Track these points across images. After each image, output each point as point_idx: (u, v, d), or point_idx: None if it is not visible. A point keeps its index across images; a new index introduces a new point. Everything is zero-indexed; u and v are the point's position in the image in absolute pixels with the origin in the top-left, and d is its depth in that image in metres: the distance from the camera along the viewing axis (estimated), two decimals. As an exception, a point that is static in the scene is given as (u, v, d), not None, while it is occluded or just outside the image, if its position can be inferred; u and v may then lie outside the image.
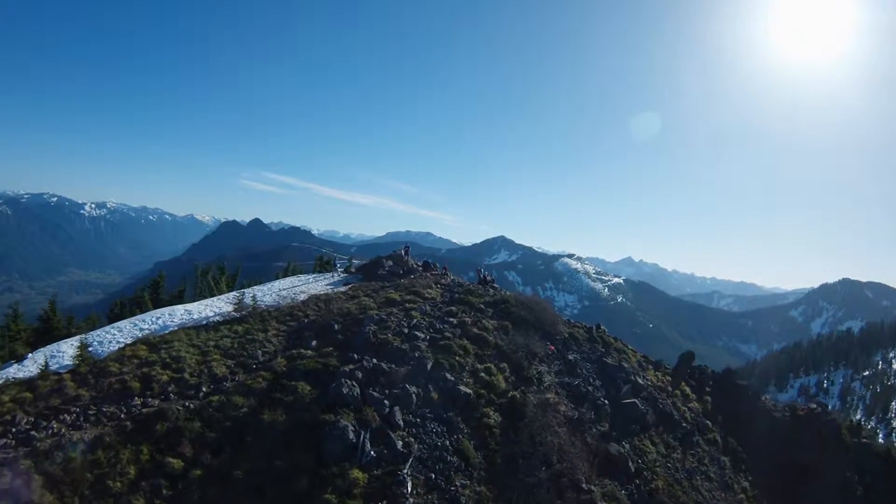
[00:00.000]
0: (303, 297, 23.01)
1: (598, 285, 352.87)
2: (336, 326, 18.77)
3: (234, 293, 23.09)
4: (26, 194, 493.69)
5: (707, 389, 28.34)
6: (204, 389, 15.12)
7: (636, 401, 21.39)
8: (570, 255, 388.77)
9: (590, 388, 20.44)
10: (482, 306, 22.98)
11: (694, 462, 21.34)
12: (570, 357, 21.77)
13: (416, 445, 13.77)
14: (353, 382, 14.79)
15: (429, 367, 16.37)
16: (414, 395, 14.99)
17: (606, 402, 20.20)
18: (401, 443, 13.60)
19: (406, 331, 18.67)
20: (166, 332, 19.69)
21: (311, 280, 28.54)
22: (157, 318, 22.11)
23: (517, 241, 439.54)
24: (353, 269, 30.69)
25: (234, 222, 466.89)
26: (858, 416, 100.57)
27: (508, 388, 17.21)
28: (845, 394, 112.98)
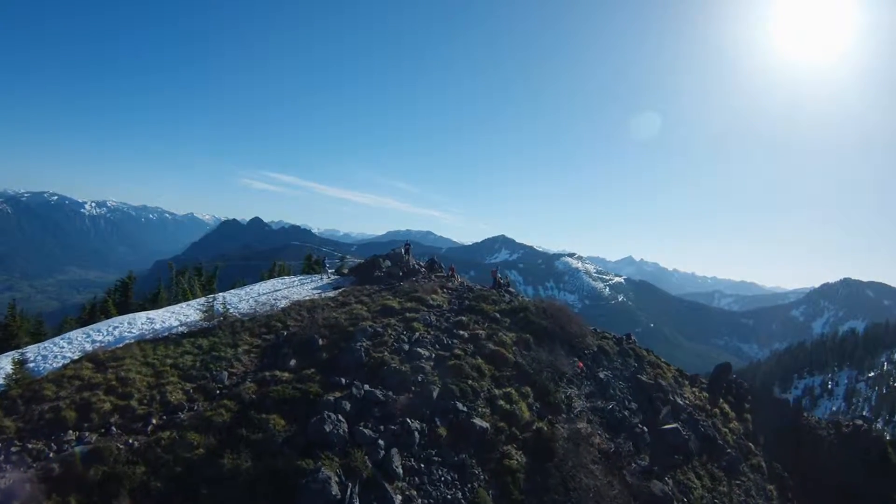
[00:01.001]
0: (284, 303, 20.00)
1: (599, 284, 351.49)
2: (320, 342, 15.60)
3: (203, 299, 19.81)
4: (27, 193, 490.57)
5: (746, 406, 25.54)
6: (153, 422, 12.49)
7: (677, 426, 18.41)
8: (571, 255, 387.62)
9: (625, 412, 17.36)
10: (498, 315, 19.96)
11: (741, 494, 19.17)
12: (602, 375, 18.69)
13: (419, 501, 10.51)
14: (340, 417, 11.56)
15: (435, 394, 13.12)
16: (416, 433, 11.75)
17: (645, 428, 17.18)
18: (400, 497, 10.37)
19: (406, 347, 15.45)
20: (120, 345, 16.81)
21: (296, 283, 25.37)
22: (114, 329, 19.07)
23: (518, 241, 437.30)
24: (345, 271, 27.29)
25: (234, 221, 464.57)
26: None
27: (533, 418, 14.02)
28: (850, 395, 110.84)
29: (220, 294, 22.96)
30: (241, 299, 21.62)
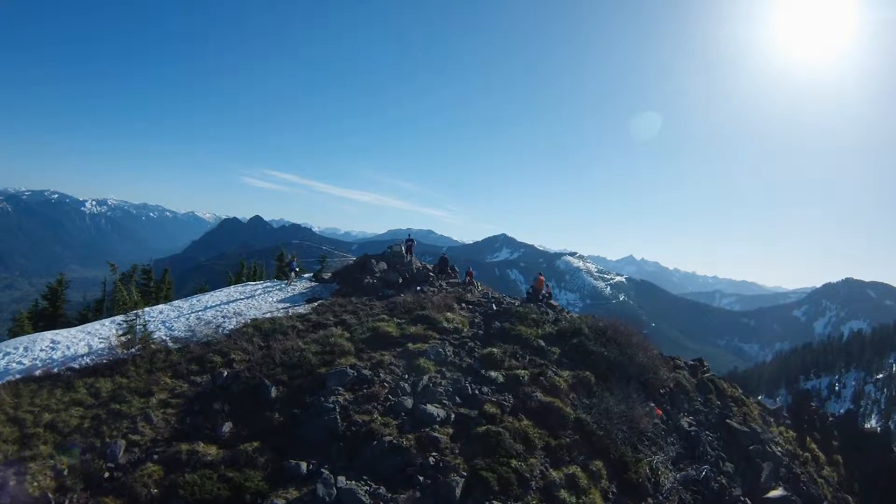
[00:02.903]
0: (234, 323, 14.97)
1: (600, 284, 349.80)
2: (274, 392, 10.42)
3: (121, 317, 14.47)
4: (27, 191, 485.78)
5: (834, 444, 21.47)
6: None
7: (784, 492, 13.23)
8: (572, 254, 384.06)
9: (721, 477, 12.26)
10: (543, 344, 14.42)
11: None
12: (685, 423, 13.66)
13: None
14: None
15: (458, 490, 7.78)
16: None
17: (748, 501, 11.96)
18: None
19: (409, 403, 10.18)
20: (-1, 382, 11.54)
21: (258, 292, 19.85)
22: (2, 357, 13.80)
23: (519, 239, 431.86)
24: (326, 276, 21.54)
25: (234, 219, 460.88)
26: (873, 421, 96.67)
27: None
28: (858, 397, 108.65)
29: (156, 307, 17.60)
30: (181, 315, 16.37)
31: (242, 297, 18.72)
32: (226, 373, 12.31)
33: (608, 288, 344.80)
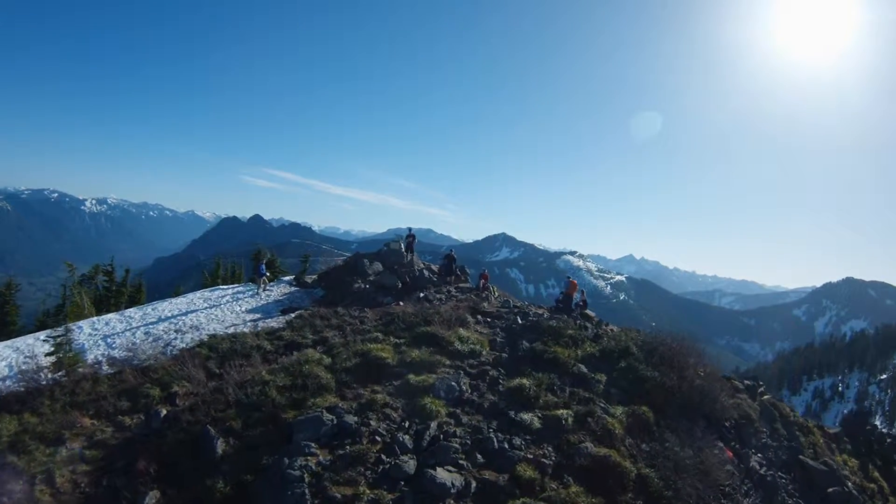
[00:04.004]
0: (188, 339, 12.38)
1: (601, 283, 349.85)
2: (220, 445, 7.66)
3: (46, 333, 11.88)
4: (27, 190, 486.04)
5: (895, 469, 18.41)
6: None
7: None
8: (572, 253, 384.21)
9: None
10: (584, 369, 11.62)
11: None
12: (756, 464, 11.22)
13: None
14: None
15: None
16: None
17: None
18: None
19: (410, 466, 7.46)
20: None
21: (226, 298, 17.03)
22: None
23: (519, 238, 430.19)
24: (308, 280, 18.64)
25: (234, 218, 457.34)
26: (878, 422, 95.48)
27: None
28: (862, 398, 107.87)
29: (105, 317, 15.01)
30: (129, 328, 13.87)
31: (206, 305, 16.07)
32: (164, 412, 9.68)
33: (608, 287, 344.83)
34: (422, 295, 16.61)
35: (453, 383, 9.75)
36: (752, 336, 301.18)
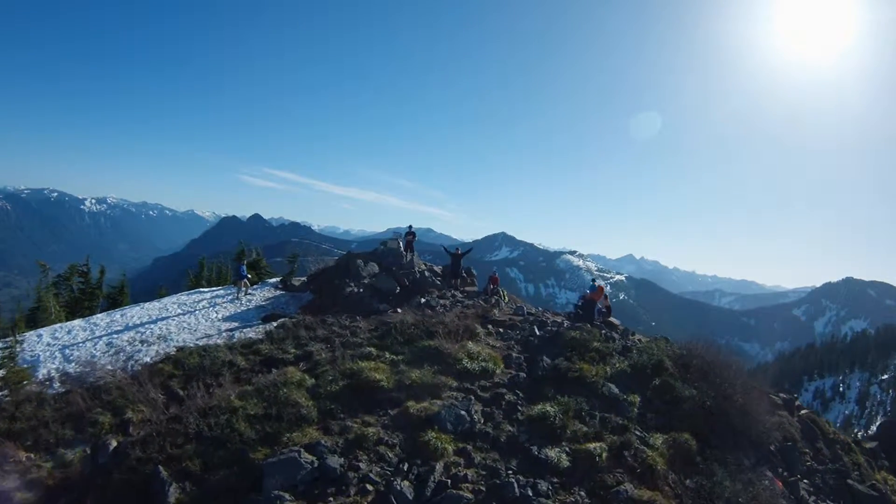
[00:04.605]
0: (154, 352, 10.94)
1: (601, 283, 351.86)
2: (173, 493, 6.38)
3: (4, 341, 10.43)
4: (26, 189, 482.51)
5: None
6: None
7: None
8: (572, 252, 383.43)
9: None
10: (615, 390, 10.02)
11: None
12: (806, 494, 10.44)
13: None
14: None
15: None
16: None
17: None
18: None
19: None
20: None
21: (203, 304, 15.29)
22: None
23: (518, 238, 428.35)
24: (296, 282, 17.12)
25: (233, 218, 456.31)
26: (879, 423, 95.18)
27: None
28: (863, 399, 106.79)
29: (68, 324, 13.38)
30: (92, 336, 12.46)
31: (180, 311, 14.37)
32: (113, 445, 8.01)
33: (608, 287, 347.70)
34: (423, 300, 14.76)
35: (462, 412, 8.04)
36: (752, 336, 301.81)
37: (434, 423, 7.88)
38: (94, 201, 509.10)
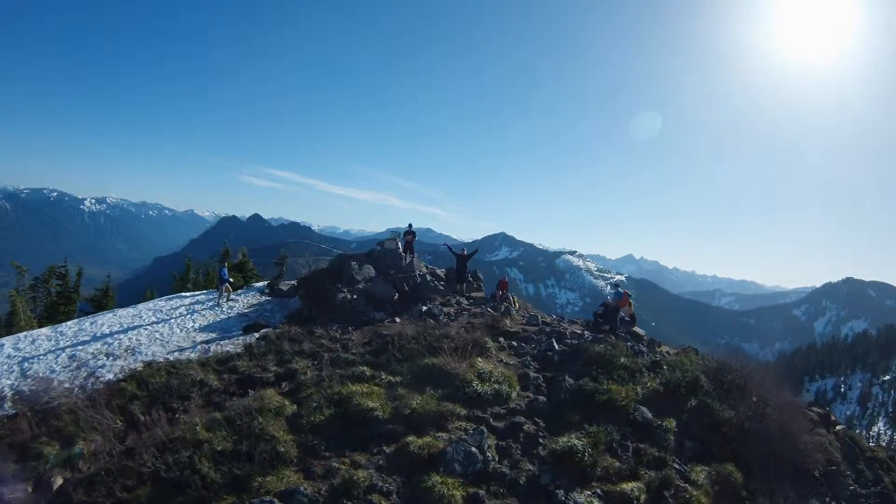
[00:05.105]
0: (119, 366, 9.47)
1: (601, 283, 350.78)
2: None
3: None
4: (26, 189, 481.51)
5: None
6: None
7: None
8: (572, 252, 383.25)
9: None
10: (646, 412, 8.70)
11: None
12: None
13: None
14: None
15: None
16: None
17: None
18: None
19: None
20: None
21: (181, 310, 13.86)
22: None
23: (518, 238, 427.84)
24: (283, 287, 15.69)
25: (233, 218, 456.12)
26: (881, 425, 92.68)
27: None
28: (865, 399, 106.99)
29: (35, 332, 12.19)
30: (56, 348, 11.34)
31: (154, 319, 12.99)
32: (58, 482, 6.74)
33: (608, 287, 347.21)
34: (425, 308, 13.23)
35: (473, 448, 6.65)
36: (752, 336, 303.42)
37: (439, 464, 6.60)
38: (93, 201, 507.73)
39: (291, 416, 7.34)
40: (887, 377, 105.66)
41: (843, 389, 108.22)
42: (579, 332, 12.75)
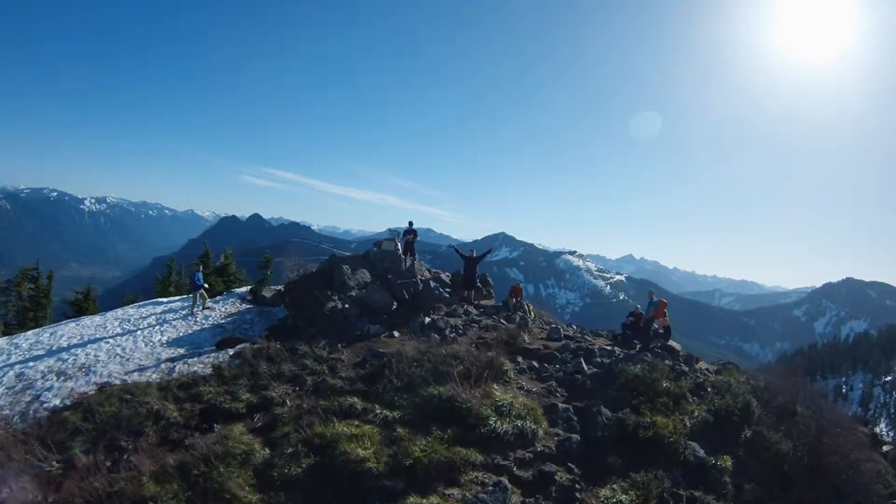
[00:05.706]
0: (69, 389, 8.47)
1: (600, 283, 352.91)
2: None
3: None
4: (26, 189, 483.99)
5: None
6: None
7: None
8: (572, 252, 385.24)
9: None
10: (698, 450, 7.21)
11: None
12: None
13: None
14: None
15: None
16: None
17: None
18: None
19: None
20: None
21: (150, 320, 12.37)
22: None
23: (518, 238, 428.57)
24: (266, 294, 13.94)
25: (233, 217, 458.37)
26: (883, 426, 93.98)
27: None
28: (866, 400, 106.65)
29: None
30: (4, 364, 10.39)
31: (119, 330, 11.55)
32: None
33: (608, 287, 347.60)
34: (427, 320, 11.44)
35: (489, 506, 5.07)
36: (752, 336, 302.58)
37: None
38: (93, 201, 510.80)
39: (261, 465, 5.81)
40: (888, 378, 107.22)
41: (844, 390, 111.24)
42: (608, 347, 11.05)
